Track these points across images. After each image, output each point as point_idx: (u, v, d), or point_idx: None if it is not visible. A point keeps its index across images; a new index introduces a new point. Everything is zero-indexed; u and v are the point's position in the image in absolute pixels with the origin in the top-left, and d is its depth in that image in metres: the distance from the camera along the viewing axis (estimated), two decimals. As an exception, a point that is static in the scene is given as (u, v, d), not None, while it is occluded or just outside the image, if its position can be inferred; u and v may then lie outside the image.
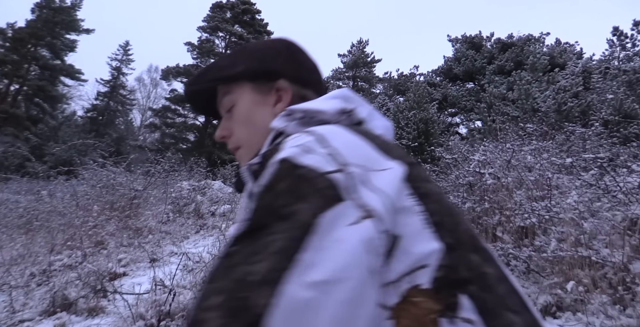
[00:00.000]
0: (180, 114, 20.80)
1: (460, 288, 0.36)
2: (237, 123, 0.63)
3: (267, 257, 0.31)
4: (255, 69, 0.62)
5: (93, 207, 5.59)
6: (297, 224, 0.33)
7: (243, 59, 0.63)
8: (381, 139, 0.45)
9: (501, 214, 3.91)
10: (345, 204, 0.35)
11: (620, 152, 5.39)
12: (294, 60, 0.64)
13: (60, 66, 23.40)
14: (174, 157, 10.22)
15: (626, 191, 3.09)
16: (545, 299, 2.74)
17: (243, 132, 0.62)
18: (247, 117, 0.62)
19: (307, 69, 0.66)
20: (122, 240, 4.91)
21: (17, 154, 15.46)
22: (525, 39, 17.53)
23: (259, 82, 0.62)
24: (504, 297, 0.37)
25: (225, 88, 0.64)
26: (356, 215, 0.34)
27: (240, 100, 0.63)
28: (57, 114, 22.56)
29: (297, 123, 0.52)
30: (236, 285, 0.30)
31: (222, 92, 0.65)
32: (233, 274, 0.31)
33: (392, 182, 0.39)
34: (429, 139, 11.21)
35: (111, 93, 26.64)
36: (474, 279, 0.37)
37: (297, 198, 0.35)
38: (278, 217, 0.35)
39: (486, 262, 0.39)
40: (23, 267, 3.95)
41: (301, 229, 0.33)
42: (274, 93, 0.62)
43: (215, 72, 0.64)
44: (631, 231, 2.78)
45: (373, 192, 0.37)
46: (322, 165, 0.38)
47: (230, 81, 0.63)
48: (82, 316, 2.94)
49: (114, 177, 6.72)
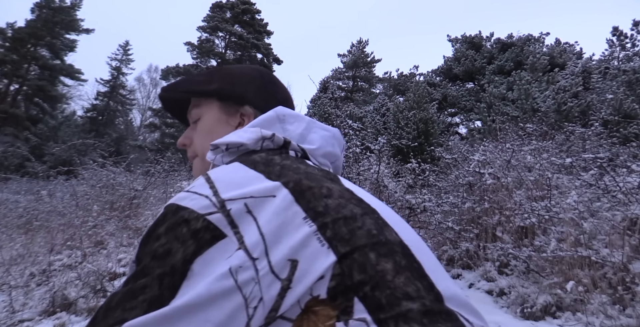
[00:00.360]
0: (180, 114, 20.80)
1: (354, 292, 0.38)
2: (199, 134, 0.68)
3: (140, 305, 0.35)
4: (226, 90, 0.67)
5: (93, 207, 5.59)
6: (168, 269, 0.37)
7: (218, 79, 0.68)
8: (278, 167, 0.48)
9: (501, 214, 3.92)
10: (226, 240, 0.39)
11: (620, 152, 5.40)
12: (265, 90, 0.69)
13: (60, 66, 23.39)
14: (173, 157, 10.21)
15: (626, 191, 3.09)
16: (545, 299, 2.74)
17: (201, 143, 0.67)
18: (208, 132, 0.66)
19: (277, 99, 0.70)
20: (122, 240, 4.91)
21: (17, 154, 15.45)
22: (525, 39, 17.54)
23: (227, 104, 0.67)
24: (401, 288, 0.39)
25: (197, 101, 0.69)
26: (234, 248, 0.38)
27: (206, 115, 0.67)
28: (56, 113, 22.54)
29: (223, 155, 0.55)
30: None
31: (192, 104, 0.70)
32: (110, 319, 0.35)
33: (273, 213, 0.41)
34: (428, 139, 11.21)
35: (111, 93, 26.64)
36: (368, 280, 0.39)
37: (174, 238, 0.39)
38: (153, 257, 0.38)
39: (386, 257, 0.41)
40: (23, 267, 3.95)
41: (172, 277, 0.37)
42: (239, 116, 0.66)
43: (190, 85, 0.69)
44: (631, 231, 2.79)
45: (252, 224, 0.40)
46: (201, 207, 0.41)
47: (201, 96, 0.68)
48: (82, 316, 2.93)
49: (114, 177, 6.72)
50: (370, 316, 0.37)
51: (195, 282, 0.36)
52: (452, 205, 4.62)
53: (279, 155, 0.52)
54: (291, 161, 0.51)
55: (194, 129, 0.69)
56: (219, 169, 0.49)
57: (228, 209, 0.41)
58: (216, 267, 0.37)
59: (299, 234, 0.40)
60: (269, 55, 22.22)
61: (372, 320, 0.37)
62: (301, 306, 0.38)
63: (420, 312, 0.37)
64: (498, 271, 3.47)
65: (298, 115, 0.62)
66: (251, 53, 21.44)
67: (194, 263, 0.37)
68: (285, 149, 0.55)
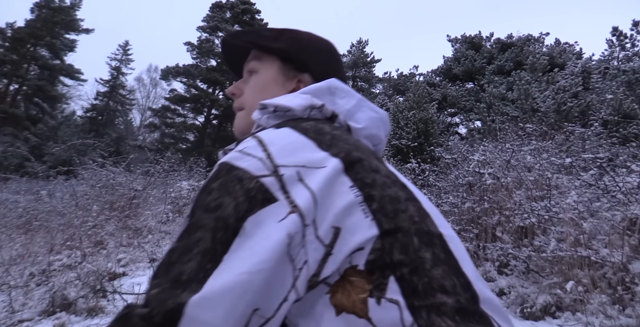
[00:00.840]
0: (180, 114, 20.79)
1: (391, 270, 0.39)
2: (252, 88, 0.67)
3: (194, 257, 0.36)
4: (291, 53, 0.66)
5: (92, 207, 5.58)
6: (222, 223, 0.37)
7: (285, 39, 0.66)
8: (329, 136, 0.48)
9: (501, 214, 3.92)
10: (277, 203, 0.39)
11: (620, 152, 5.40)
12: (329, 64, 0.68)
13: (60, 66, 23.37)
14: (173, 157, 10.21)
15: (625, 191, 3.09)
16: (544, 299, 2.74)
17: (252, 98, 0.66)
18: (261, 89, 0.65)
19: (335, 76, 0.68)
20: (122, 240, 4.91)
21: (17, 154, 15.44)
22: (525, 39, 17.54)
23: (288, 66, 0.66)
24: (438, 279, 0.39)
25: (258, 54, 0.67)
26: (285, 212, 0.38)
27: (265, 71, 0.66)
28: (56, 113, 22.53)
29: (269, 116, 0.54)
30: (172, 284, 0.35)
31: (253, 55, 0.68)
32: (171, 272, 0.36)
33: (324, 181, 0.41)
34: (428, 139, 11.21)
35: (111, 93, 26.62)
36: (408, 262, 0.39)
37: (227, 193, 0.39)
38: (206, 210, 0.39)
39: (427, 246, 0.41)
40: (22, 267, 3.94)
41: (225, 232, 0.37)
42: (295, 82, 0.65)
43: (256, 37, 0.67)
44: (630, 231, 2.79)
45: (304, 190, 0.40)
46: (255, 169, 0.41)
47: (265, 51, 0.67)
48: (82, 316, 2.93)
49: (114, 177, 6.72)
50: (405, 299, 0.38)
51: (247, 242, 0.36)
52: (451, 205, 4.62)
53: (328, 125, 0.52)
54: (340, 132, 0.51)
55: (246, 81, 0.68)
56: (270, 132, 0.48)
57: (281, 175, 0.41)
58: (268, 228, 0.37)
59: (344, 202, 0.41)
60: (269, 55, 22.21)
61: (405, 305, 0.37)
62: (340, 272, 0.39)
63: (454, 309, 0.38)
64: (498, 271, 3.47)
65: (350, 90, 0.61)
66: (251, 53, 21.43)
67: (246, 221, 0.38)
68: (331, 122, 0.55)
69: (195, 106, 20.73)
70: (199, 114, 21.14)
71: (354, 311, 0.38)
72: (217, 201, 0.39)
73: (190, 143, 20.34)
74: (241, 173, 0.41)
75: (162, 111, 20.82)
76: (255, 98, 0.63)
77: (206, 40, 21.33)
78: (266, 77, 0.66)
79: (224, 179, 0.41)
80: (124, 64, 27.56)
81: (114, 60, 27.40)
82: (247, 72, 0.69)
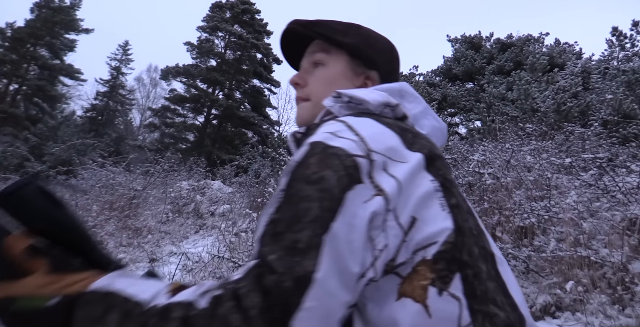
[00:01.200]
0: (180, 113, 20.78)
1: (458, 266, 0.40)
2: (319, 80, 0.66)
3: (307, 226, 0.37)
4: (361, 49, 0.65)
5: (92, 207, 5.58)
6: (327, 194, 0.39)
7: (353, 35, 0.66)
8: (410, 134, 0.49)
9: (500, 214, 3.92)
10: (363, 185, 0.41)
11: (620, 152, 5.40)
12: (391, 63, 0.70)
13: (60, 66, 23.36)
14: (173, 157, 10.19)
15: (625, 191, 3.09)
16: (544, 299, 2.74)
17: (320, 89, 0.65)
18: (330, 82, 0.65)
19: (395, 77, 0.70)
20: (122, 240, 4.90)
21: (16, 153, 15.43)
22: (525, 39, 17.54)
23: (356, 62, 0.66)
24: (492, 292, 0.41)
25: (326, 47, 0.66)
26: (370, 193, 0.40)
27: (333, 65, 0.66)
28: (56, 113, 22.50)
29: (342, 106, 0.56)
30: (288, 251, 0.36)
31: (319, 47, 0.67)
32: (282, 241, 0.37)
33: (408, 172, 0.43)
34: (428, 139, 11.21)
35: (110, 93, 26.61)
36: (472, 265, 0.41)
37: (327, 167, 0.41)
38: (307, 182, 0.40)
39: (483, 259, 0.43)
40: (22, 267, 3.94)
41: (331, 201, 0.38)
42: (363, 79, 0.66)
43: (327, 30, 0.66)
44: (630, 231, 2.79)
45: (388, 178, 0.42)
46: (351, 148, 0.43)
47: (335, 45, 0.66)
48: (81, 316, 2.93)
49: (113, 177, 6.71)
50: (466, 299, 0.39)
51: (345, 215, 0.38)
52: (451, 205, 4.60)
53: (403, 123, 0.53)
54: (417, 131, 0.53)
55: (310, 72, 0.68)
56: (355, 119, 0.49)
57: (373, 159, 0.43)
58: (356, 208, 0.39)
59: (424, 194, 0.43)
60: (269, 55, 22.20)
61: (466, 304, 0.38)
62: (412, 265, 0.41)
63: (504, 323, 0.39)
64: (497, 271, 3.47)
65: (418, 96, 0.62)
66: (251, 53, 21.40)
67: (347, 194, 0.39)
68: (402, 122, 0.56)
69: (195, 106, 20.72)
70: (198, 114, 21.14)
71: (412, 296, 0.39)
72: (317, 174, 0.40)
73: (190, 143, 20.33)
74: (338, 151, 0.42)
75: (162, 111, 20.81)
76: (324, 90, 0.63)
77: (206, 40, 21.32)
78: (335, 70, 0.65)
79: (322, 155, 0.42)
80: (123, 64, 27.56)
81: (114, 60, 27.41)
82: (311, 63, 0.68)
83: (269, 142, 14.92)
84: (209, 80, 20.68)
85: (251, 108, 21.48)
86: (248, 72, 21.24)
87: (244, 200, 6.97)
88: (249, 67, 21.23)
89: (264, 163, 10.24)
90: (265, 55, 22.21)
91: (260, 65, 21.79)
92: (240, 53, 21.38)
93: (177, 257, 4.22)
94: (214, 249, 4.22)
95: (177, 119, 20.63)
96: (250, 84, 21.85)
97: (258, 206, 5.90)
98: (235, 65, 21.07)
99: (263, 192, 6.18)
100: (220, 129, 20.89)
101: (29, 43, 21.92)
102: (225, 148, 19.15)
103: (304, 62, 0.69)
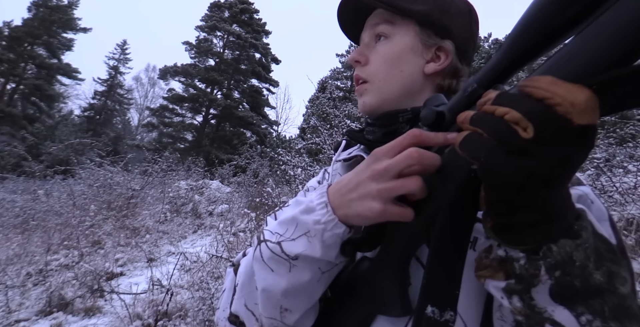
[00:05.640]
0: (178, 113, 20.76)
1: None
2: (382, 58, 0.57)
3: None
4: (433, 17, 0.56)
5: (90, 207, 5.57)
6: None
7: (424, 1, 0.56)
8: None
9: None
10: None
11: (617, 153, 5.42)
12: (470, 29, 0.59)
13: (57, 65, 23.29)
14: (171, 156, 10.19)
15: (622, 191, 3.10)
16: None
17: (382, 70, 0.57)
18: (396, 58, 0.56)
19: (473, 45, 0.60)
20: (119, 240, 4.89)
21: (14, 153, 15.38)
22: (523, 39, 17.60)
23: (426, 32, 0.56)
24: None
25: (389, 16, 0.57)
26: None
27: (399, 38, 0.57)
28: (54, 113, 22.47)
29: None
30: None
31: (381, 18, 0.58)
32: None
33: None
34: (426, 139, 11.23)
35: (108, 92, 26.55)
36: None
37: None
38: None
39: None
40: (19, 267, 3.93)
41: None
42: (434, 51, 0.57)
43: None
44: (627, 231, 2.80)
45: None
46: None
47: (402, 13, 0.56)
48: (79, 316, 2.93)
49: (111, 176, 6.70)
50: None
51: None
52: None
53: None
54: None
55: (372, 46, 0.59)
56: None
57: None
58: None
59: None
60: (267, 54, 22.21)
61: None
62: None
63: None
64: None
65: None
66: (249, 52, 21.41)
67: None
68: None
69: (193, 106, 20.70)
70: (197, 114, 21.12)
71: None
72: None
73: (188, 143, 20.31)
74: None
75: (160, 111, 20.78)
76: (387, 71, 0.56)
77: (204, 39, 21.30)
78: (402, 45, 0.56)
79: None
80: (121, 63, 27.49)
81: (112, 60, 27.34)
82: (373, 36, 0.59)
83: (267, 141, 14.92)
84: (208, 80, 20.66)
85: (250, 108, 21.48)
86: (246, 71, 21.23)
87: (242, 200, 6.97)
88: (247, 66, 21.22)
89: (263, 163, 10.23)
90: (264, 55, 22.22)
91: (258, 65, 21.79)
92: (238, 53, 21.38)
93: (175, 257, 4.22)
94: (212, 249, 4.21)
95: (176, 119, 20.61)
96: (248, 84, 21.84)
97: (256, 205, 5.89)
98: (234, 65, 21.06)
99: (261, 192, 6.17)
100: (218, 128, 20.87)
101: (26, 42, 21.85)
102: (223, 148, 19.14)
103: (365, 35, 0.61)
